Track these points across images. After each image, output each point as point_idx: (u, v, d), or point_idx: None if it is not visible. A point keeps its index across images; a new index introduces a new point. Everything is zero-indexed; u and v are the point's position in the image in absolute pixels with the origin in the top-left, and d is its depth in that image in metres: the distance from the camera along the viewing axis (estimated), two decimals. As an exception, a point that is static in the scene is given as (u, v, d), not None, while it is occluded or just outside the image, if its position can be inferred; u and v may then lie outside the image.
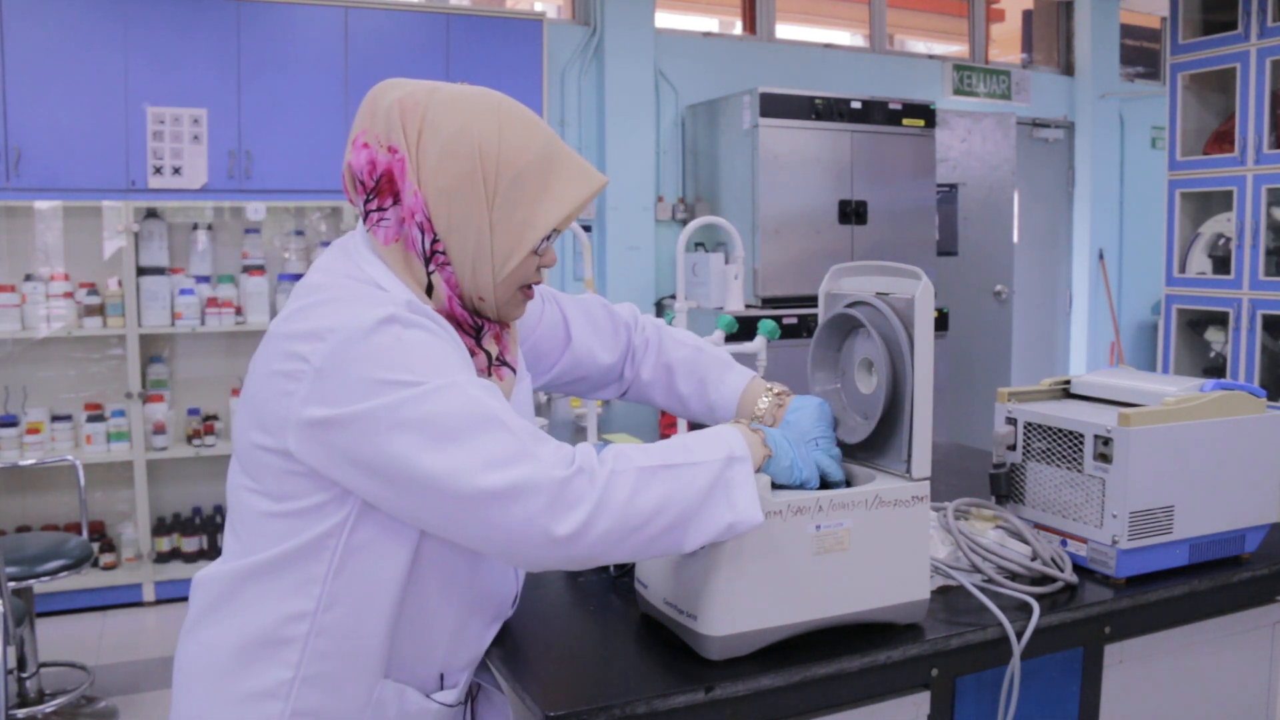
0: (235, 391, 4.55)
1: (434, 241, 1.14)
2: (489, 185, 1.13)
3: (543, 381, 1.52)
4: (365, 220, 1.17)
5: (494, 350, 1.24)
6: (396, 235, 1.15)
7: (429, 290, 1.17)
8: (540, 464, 1.03)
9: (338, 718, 1.16)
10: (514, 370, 1.29)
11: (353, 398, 1.03)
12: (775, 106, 4.95)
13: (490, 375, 1.23)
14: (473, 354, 1.20)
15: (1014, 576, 1.47)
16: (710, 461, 1.13)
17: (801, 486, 1.26)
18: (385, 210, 1.15)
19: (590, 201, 1.23)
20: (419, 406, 1.02)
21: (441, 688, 1.24)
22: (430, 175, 1.13)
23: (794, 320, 4.79)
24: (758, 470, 1.20)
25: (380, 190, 1.15)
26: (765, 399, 1.45)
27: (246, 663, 1.14)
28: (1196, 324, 5.38)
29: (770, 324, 2.25)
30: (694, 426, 2.00)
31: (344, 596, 1.13)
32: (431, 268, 1.15)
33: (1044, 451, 1.60)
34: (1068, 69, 7.03)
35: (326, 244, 4.65)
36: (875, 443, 1.36)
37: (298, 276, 4.22)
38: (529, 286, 1.22)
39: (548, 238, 1.19)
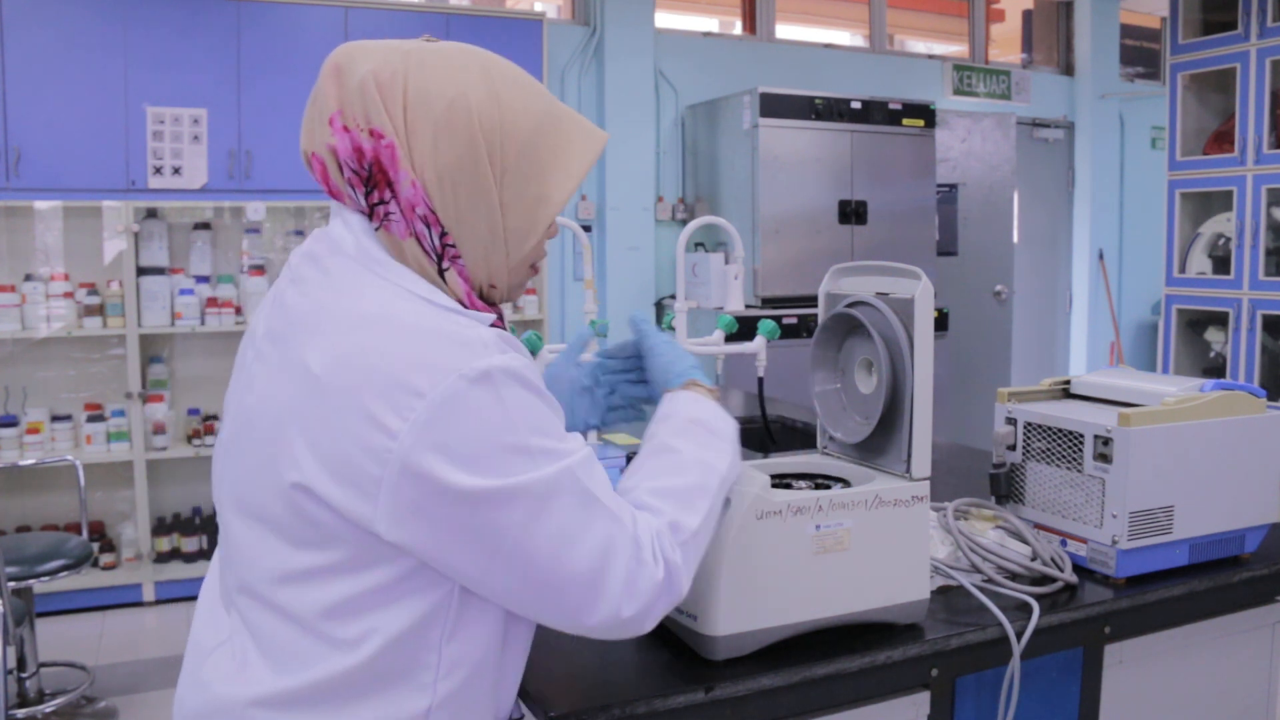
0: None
1: (443, 235, 0.99)
2: (494, 162, 0.99)
3: None
4: (372, 216, 1.00)
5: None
6: (408, 231, 0.99)
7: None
8: (642, 557, 0.98)
9: None
10: None
11: (493, 469, 0.91)
12: (775, 106, 4.95)
13: None
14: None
15: (1014, 576, 1.47)
16: (725, 469, 1.11)
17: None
18: (387, 204, 0.99)
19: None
20: (535, 494, 0.93)
21: None
22: (426, 159, 0.97)
23: (794, 320, 4.79)
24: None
25: (375, 181, 0.98)
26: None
27: None
28: (1196, 324, 5.38)
29: (770, 324, 2.24)
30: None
31: (457, 671, 0.99)
32: (445, 264, 1.00)
33: (1044, 451, 1.60)
34: (1068, 69, 7.03)
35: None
36: (875, 443, 1.36)
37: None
38: (535, 263, 1.09)
39: None
